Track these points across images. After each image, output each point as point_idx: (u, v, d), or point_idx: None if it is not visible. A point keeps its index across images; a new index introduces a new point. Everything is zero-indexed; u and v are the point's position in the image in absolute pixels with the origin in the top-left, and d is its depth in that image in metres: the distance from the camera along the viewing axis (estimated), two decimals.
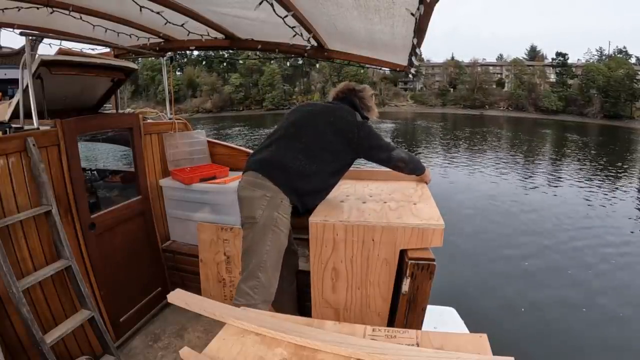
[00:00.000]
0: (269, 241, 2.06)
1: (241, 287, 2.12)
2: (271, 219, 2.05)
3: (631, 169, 18.41)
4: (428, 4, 1.43)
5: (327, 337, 1.33)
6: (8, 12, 2.65)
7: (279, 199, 2.05)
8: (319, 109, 2.34)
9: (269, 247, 2.07)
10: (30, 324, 2.00)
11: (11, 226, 2.10)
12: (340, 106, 2.32)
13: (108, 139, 3.74)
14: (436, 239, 1.83)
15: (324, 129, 2.18)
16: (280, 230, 2.08)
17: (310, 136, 2.17)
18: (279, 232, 2.08)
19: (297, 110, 2.38)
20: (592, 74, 47.80)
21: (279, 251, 2.11)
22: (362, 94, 2.46)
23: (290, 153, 2.12)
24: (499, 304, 6.16)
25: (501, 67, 58.16)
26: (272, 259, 2.09)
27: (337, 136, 2.17)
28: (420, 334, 1.36)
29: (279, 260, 2.13)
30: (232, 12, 2.46)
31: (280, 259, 2.14)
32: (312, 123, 2.23)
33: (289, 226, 2.15)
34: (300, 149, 2.13)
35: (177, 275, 3.40)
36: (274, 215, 2.05)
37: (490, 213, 10.94)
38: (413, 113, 53.60)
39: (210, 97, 56.65)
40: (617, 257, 7.92)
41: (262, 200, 2.06)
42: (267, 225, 2.06)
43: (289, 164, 2.09)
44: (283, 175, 2.08)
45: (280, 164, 2.11)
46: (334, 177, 2.27)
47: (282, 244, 2.11)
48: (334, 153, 2.18)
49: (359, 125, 2.21)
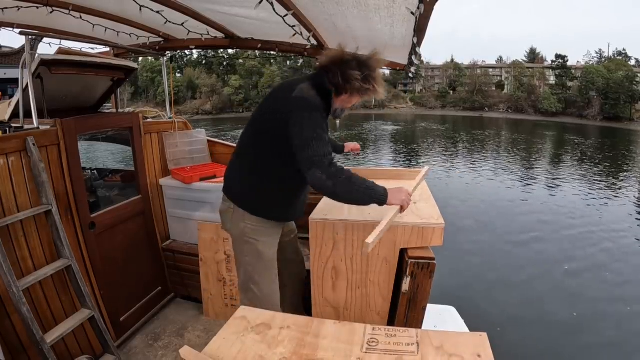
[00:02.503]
0: (247, 253, 2.06)
1: (241, 298, 2.15)
2: (240, 229, 2.03)
3: (631, 171, 18.40)
4: (428, 3, 1.44)
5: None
6: (8, 12, 2.66)
7: (241, 210, 2.01)
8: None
9: (248, 258, 2.06)
10: (30, 324, 2.00)
11: (11, 226, 2.10)
12: (284, 82, 1.99)
13: (108, 138, 3.74)
14: (436, 238, 1.83)
15: (256, 116, 1.97)
16: (255, 240, 2.03)
17: (245, 134, 2.02)
18: (254, 242, 2.03)
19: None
20: (591, 76, 47.76)
21: (264, 262, 2.06)
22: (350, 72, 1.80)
23: (233, 162, 2.09)
24: (499, 303, 6.16)
25: (501, 69, 58.14)
26: (258, 272, 2.06)
27: (269, 119, 1.88)
28: (420, 332, 1.36)
29: (268, 271, 2.09)
30: (232, 11, 2.46)
31: (271, 270, 2.10)
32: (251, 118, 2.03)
33: (272, 233, 2.08)
34: (239, 153, 2.07)
35: (177, 274, 3.40)
36: (240, 226, 2.02)
37: (490, 213, 10.94)
38: (413, 115, 53.57)
39: (210, 98, 56.59)
40: (617, 257, 7.93)
41: (228, 213, 2.07)
42: (239, 237, 2.06)
43: (233, 175, 2.07)
44: (233, 188, 2.06)
45: (229, 177, 2.10)
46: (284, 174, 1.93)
47: (263, 254, 2.05)
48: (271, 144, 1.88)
49: (293, 100, 1.78)
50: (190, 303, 3.40)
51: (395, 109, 58.16)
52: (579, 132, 35.97)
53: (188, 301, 3.43)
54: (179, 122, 3.60)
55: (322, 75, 1.87)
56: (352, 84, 1.82)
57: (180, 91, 53.46)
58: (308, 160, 1.69)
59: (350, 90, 1.85)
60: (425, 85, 60.74)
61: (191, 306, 3.35)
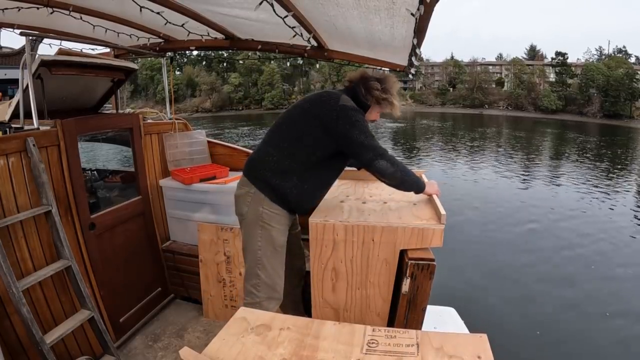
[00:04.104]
0: (259, 237, 2.08)
1: (245, 286, 2.16)
2: (257, 214, 2.07)
3: (631, 168, 18.40)
4: (428, 4, 1.43)
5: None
6: (8, 12, 2.65)
7: (262, 195, 2.06)
8: (304, 99, 2.22)
9: (260, 243, 2.08)
10: (30, 324, 2.01)
11: (11, 226, 2.10)
12: (327, 92, 2.14)
13: (108, 139, 3.75)
14: (436, 239, 1.83)
15: (298, 117, 2.10)
16: (270, 226, 2.07)
17: (285, 129, 2.12)
18: (269, 228, 2.07)
19: (289, 106, 2.34)
20: (591, 74, 47.71)
21: (275, 247, 2.11)
22: (371, 83, 2.13)
23: (265, 150, 2.14)
24: (499, 304, 6.16)
25: (501, 66, 58.07)
26: (267, 256, 2.09)
27: (312, 124, 2.02)
28: (420, 334, 1.36)
29: (277, 257, 2.13)
30: (232, 13, 2.46)
31: (280, 256, 2.14)
32: (288, 114, 2.16)
33: (285, 222, 2.13)
34: (274, 144, 2.12)
35: (177, 275, 3.40)
36: (259, 211, 2.06)
37: (490, 213, 10.93)
38: (413, 112, 53.48)
39: (210, 96, 56.56)
40: (619, 258, 7.93)
41: (246, 197, 2.10)
42: (254, 221, 2.08)
43: (263, 162, 2.10)
44: (259, 173, 2.09)
45: (257, 163, 2.13)
46: (314, 172, 2.08)
47: (275, 239, 2.10)
48: (310, 144, 2.03)
49: (340, 108, 1.98)
50: (190, 304, 3.40)
51: None
52: (579, 130, 35.95)
53: (188, 302, 3.43)
54: (179, 123, 3.60)
55: (352, 90, 2.16)
56: (372, 93, 2.12)
57: (180, 89, 53.42)
58: (373, 154, 1.94)
59: (371, 100, 2.14)
60: (425, 83, 60.71)
61: (191, 307, 3.36)
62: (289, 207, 2.10)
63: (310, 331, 1.40)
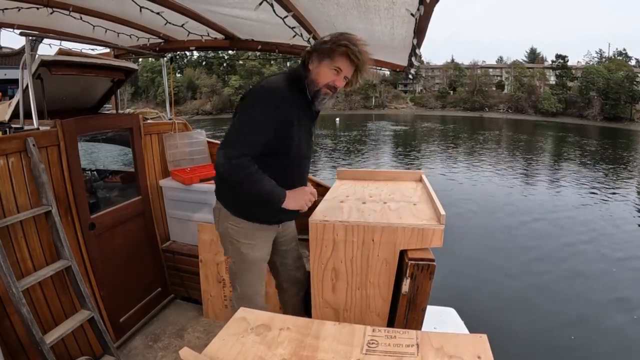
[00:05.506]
0: (230, 252, 2.05)
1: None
2: (224, 229, 2.02)
3: (632, 169, 18.40)
4: (428, 4, 1.43)
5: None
6: (8, 13, 2.66)
7: (225, 210, 1.99)
8: None
9: (233, 257, 2.05)
10: (30, 324, 2.00)
11: (11, 226, 2.10)
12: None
13: (108, 139, 3.75)
14: (436, 239, 1.83)
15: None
16: (238, 242, 1.99)
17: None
18: (238, 243, 2.00)
19: None
20: (591, 76, 47.81)
21: (246, 262, 2.03)
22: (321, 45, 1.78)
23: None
24: (499, 304, 6.16)
25: (501, 69, 58.20)
26: (241, 271, 2.05)
27: None
28: (420, 334, 1.36)
29: (252, 272, 2.05)
30: (232, 13, 2.46)
31: (255, 272, 2.06)
32: None
33: (258, 237, 2.01)
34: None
35: (177, 275, 3.40)
36: (225, 226, 2.00)
37: (490, 214, 10.94)
38: (413, 115, 53.62)
39: (210, 99, 56.66)
40: (617, 258, 7.92)
41: (216, 212, 2.06)
42: (224, 237, 2.05)
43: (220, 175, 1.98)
44: (219, 187, 2.04)
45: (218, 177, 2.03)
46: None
47: (246, 255, 2.01)
48: None
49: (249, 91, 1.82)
50: (190, 304, 3.40)
51: (396, 109, 58.24)
52: (579, 133, 35.99)
53: (188, 302, 3.43)
54: (179, 123, 3.60)
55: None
56: (318, 47, 1.79)
57: (180, 91, 53.52)
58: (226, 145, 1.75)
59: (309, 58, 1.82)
60: (425, 86, 60.82)
61: (191, 307, 3.36)
62: (251, 217, 1.97)
63: (310, 331, 1.40)
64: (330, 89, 1.84)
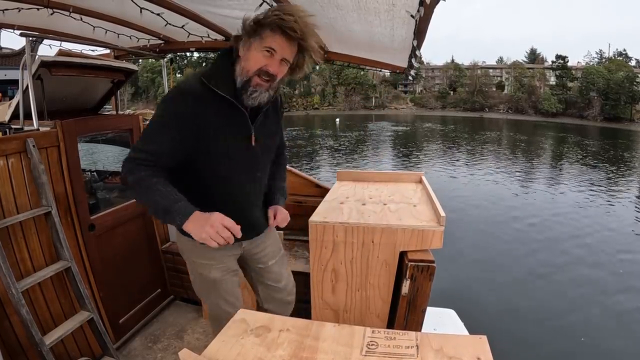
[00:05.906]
0: (189, 270, 1.88)
1: None
2: (180, 248, 1.84)
3: (632, 170, 18.40)
4: (428, 5, 1.43)
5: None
6: (8, 13, 2.65)
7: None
8: None
9: (191, 276, 1.88)
10: (29, 325, 2.00)
11: (11, 227, 2.10)
12: None
13: (108, 140, 3.75)
14: (436, 240, 1.83)
15: None
16: (192, 261, 1.80)
17: None
18: (192, 263, 1.80)
19: None
20: (592, 77, 47.85)
21: (207, 282, 1.81)
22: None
23: None
24: (499, 306, 6.15)
25: (501, 69, 58.23)
26: (204, 290, 1.88)
27: None
28: (420, 335, 1.35)
29: (215, 291, 1.83)
30: (232, 14, 2.46)
31: (219, 290, 1.82)
32: None
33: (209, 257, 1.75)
34: None
35: (177, 276, 3.39)
36: (179, 241, 1.81)
37: (490, 215, 10.94)
38: (413, 115, 53.63)
39: None
40: (619, 259, 7.92)
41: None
42: (183, 255, 1.86)
43: None
44: None
45: None
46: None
47: (203, 274, 1.79)
48: None
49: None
50: (190, 305, 3.39)
51: (396, 109, 58.25)
52: (579, 133, 36.00)
53: (187, 303, 3.42)
54: None
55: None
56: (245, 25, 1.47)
57: None
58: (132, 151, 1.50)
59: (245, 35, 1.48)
60: (425, 86, 60.85)
61: (190, 308, 3.35)
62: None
63: (310, 332, 1.40)
64: (263, 77, 1.49)
